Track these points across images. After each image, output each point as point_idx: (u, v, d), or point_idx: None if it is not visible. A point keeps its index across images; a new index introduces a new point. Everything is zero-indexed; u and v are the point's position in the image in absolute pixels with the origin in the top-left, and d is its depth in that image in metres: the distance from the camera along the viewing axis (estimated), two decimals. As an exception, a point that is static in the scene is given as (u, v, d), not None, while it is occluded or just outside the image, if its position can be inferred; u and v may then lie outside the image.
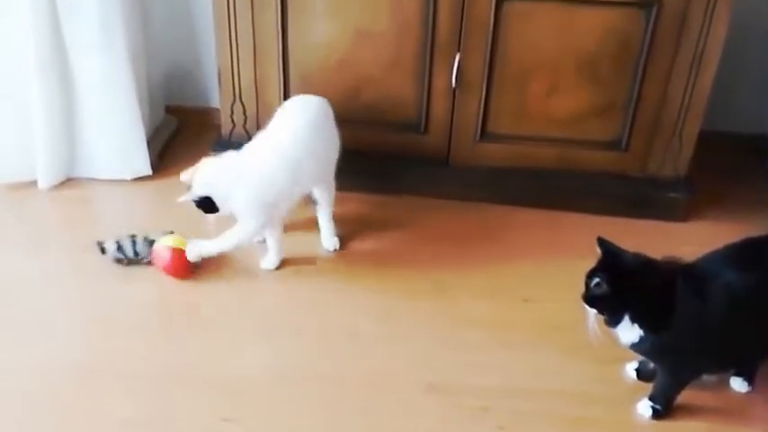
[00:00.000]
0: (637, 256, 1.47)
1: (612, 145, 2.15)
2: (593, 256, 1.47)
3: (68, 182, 2.27)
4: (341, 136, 1.99)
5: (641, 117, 2.09)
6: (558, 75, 2.06)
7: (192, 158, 2.24)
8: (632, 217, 2.19)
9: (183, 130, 2.53)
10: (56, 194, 2.22)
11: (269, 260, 1.98)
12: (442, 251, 2.07)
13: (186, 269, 1.91)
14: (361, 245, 2.08)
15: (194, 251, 1.91)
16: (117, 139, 2.23)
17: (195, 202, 1.85)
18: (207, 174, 1.85)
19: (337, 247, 2.04)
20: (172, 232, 1.95)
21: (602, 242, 1.48)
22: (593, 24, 1.98)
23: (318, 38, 2.08)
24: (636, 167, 2.17)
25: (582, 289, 1.48)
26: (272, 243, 1.97)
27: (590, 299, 1.46)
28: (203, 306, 1.86)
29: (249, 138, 2.08)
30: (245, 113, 2.15)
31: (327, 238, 2.04)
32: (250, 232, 1.90)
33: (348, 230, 2.11)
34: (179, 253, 1.90)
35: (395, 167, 2.22)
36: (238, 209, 1.87)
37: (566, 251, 2.04)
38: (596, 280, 1.44)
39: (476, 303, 1.89)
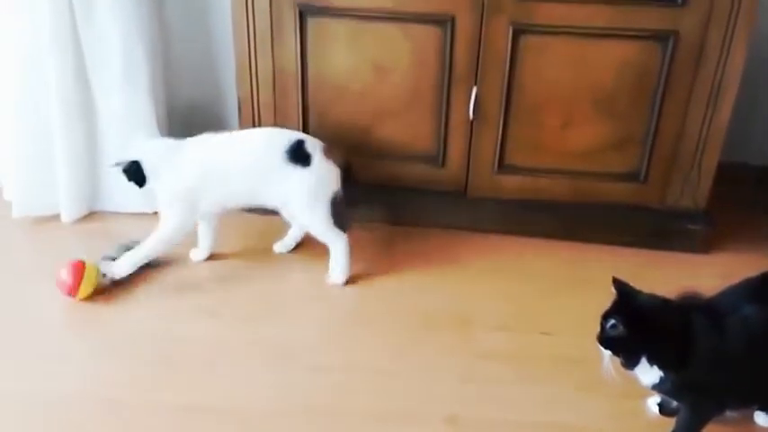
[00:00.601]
0: (652, 297, 1.46)
1: (630, 177, 2.14)
2: (611, 290, 1.45)
3: (91, 215, 2.30)
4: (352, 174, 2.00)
5: (659, 149, 2.09)
6: (574, 108, 2.06)
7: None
8: (651, 248, 2.18)
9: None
10: (79, 227, 2.25)
11: (198, 252, 2.13)
12: (459, 283, 2.07)
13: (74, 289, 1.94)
14: (380, 277, 2.08)
15: (120, 266, 1.97)
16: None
17: (124, 168, 1.95)
18: (145, 143, 2.01)
19: (339, 282, 2.03)
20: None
21: (617, 283, 1.47)
22: (610, 58, 1.99)
23: (337, 71, 2.11)
24: (654, 199, 2.16)
25: (598, 323, 1.47)
26: (201, 231, 2.10)
27: (605, 340, 1.45)
28: (217, 338, 1.86)
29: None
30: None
31: (332, 272, 2.04)
32: (171, 227, 1.99)
33: (367, 262, 2.11)
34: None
35: (413, 199, 2.23)
36: (161, 197, 1.99)
37: (585, 283, 2.03)
38: (612, 322, 1.43)
39: (494, 336, 1.89)
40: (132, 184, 1.97)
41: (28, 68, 2.10)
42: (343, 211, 2.00)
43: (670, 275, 2.10)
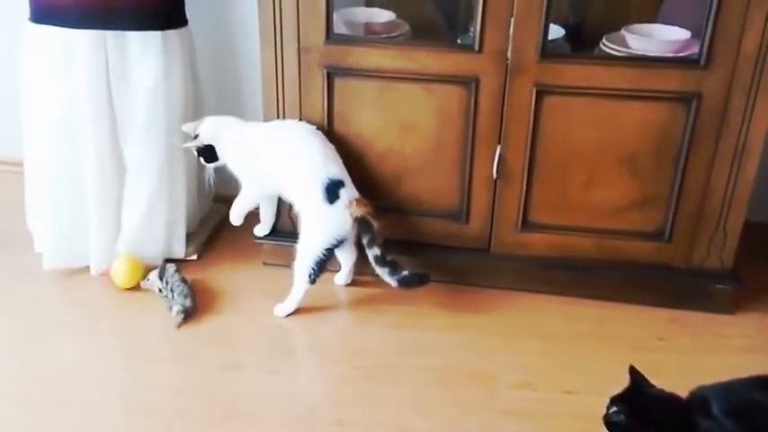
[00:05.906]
0: (662, 394, 1.48)
1: (655, 236, 2.14)
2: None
3: (119, 267, 2.33)
4: (383, 222, 2.05)
5: (684, 208, 2.08)
6: (598, 167, 2.07)
7: (238, 247, 2.31)
8: (677, 308, 2.16)
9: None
10: (107, 279, 2.27)
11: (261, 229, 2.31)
12: (482, 340, 2.06)
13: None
14: (400, 331, 2.09)
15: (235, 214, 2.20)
16: (161, 227, 2.30)
17: (198, 149, 2.14)
18: (213, 125, 2.15)
19: (279, 314, 2.12)
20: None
21: (633, 372, 1.49)
22: (634, 118, 2.01)
23: (363, 129, 2.15)
24: (680, 259, 2.15)
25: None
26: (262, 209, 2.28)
27: (608, 423, 1.48)
28: (245, 398, 1.86)
29: (294, 227, 2.14)
30: (290, 203, 2.20)
31: (281, 304, 2.13)
32: (246, 197, 2.21)
33: (388, 316, 2.13)
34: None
35: (436, 256, 2.24)
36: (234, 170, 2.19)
37: (608, 342, 2.02)
38: (615, 408, 1.47)
39: (517, 394, 1.87)
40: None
41: (62, 123, 2.16)
42: (324, 266, 2.08)
43: (695, 335, 2.08)
